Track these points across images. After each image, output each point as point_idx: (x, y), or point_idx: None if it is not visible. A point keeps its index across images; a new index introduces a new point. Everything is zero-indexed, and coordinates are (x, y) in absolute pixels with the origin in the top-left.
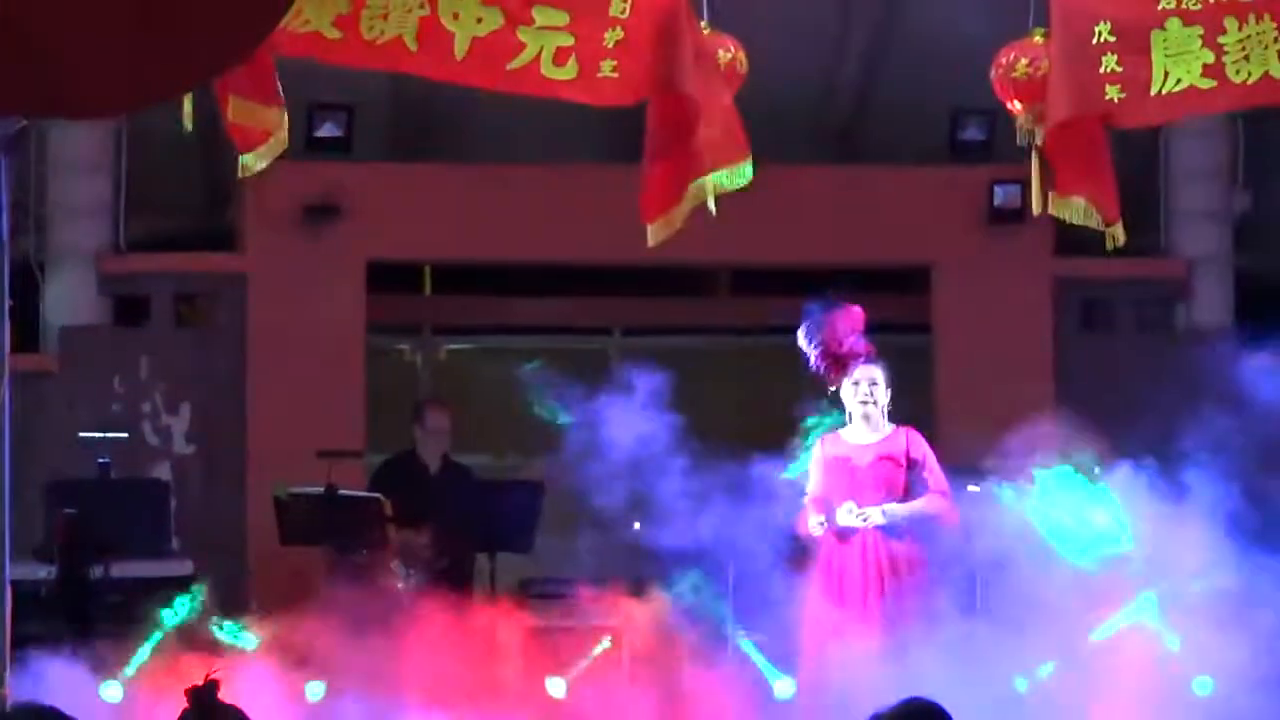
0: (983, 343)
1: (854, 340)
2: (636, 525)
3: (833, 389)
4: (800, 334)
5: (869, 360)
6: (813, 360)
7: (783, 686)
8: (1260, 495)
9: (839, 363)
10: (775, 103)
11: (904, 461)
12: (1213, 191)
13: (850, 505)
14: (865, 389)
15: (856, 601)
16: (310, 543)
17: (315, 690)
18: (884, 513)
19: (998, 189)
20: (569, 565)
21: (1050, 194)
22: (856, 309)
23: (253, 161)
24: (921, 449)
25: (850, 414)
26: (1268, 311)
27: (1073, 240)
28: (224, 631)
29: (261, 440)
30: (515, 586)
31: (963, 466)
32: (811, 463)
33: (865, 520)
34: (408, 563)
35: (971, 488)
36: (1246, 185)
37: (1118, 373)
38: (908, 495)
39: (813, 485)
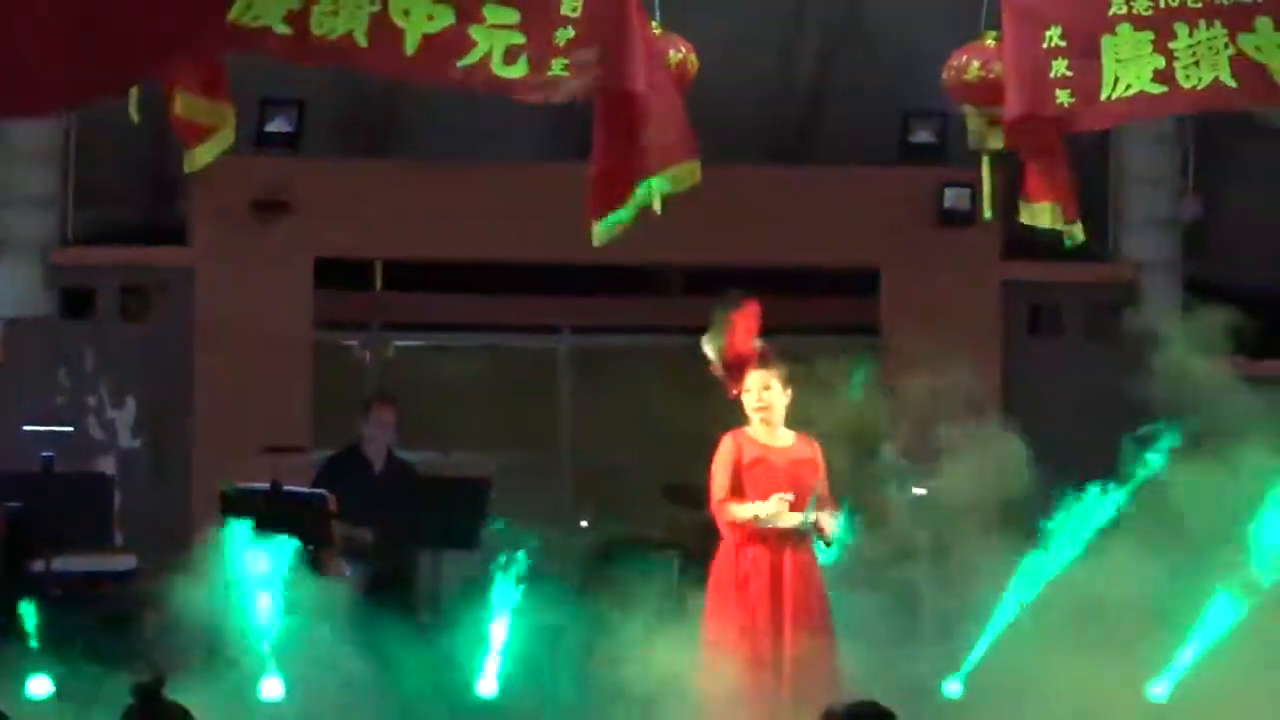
0: (931, 344)
1: (748, 343)
2: (583, 523)
3: (734, 392)
4: (704, 338)
5: (763, 364)
6: (713, 364)
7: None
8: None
9: (736, 366)
10: (728, 103)
11: (816, 470)
12: (1162, 197)
13: (800, 515)
14: (757, 395)
15: (764, 607)
16: (255, 539)
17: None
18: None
19: (948, 191)
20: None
21: (1020, 201)
22: (753, 307)
23: (198, 157)
24: (820, 458)
25: (751, 414)
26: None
27: (1022, 244)
28: None
29: (207, 435)
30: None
31: (909, 468)
32: (722, 462)
33: (816, 525)
34: (352, 559)
35: (917, 490)
36: (1196, 191)
37: (1065, 376)
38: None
39: (725, 485)
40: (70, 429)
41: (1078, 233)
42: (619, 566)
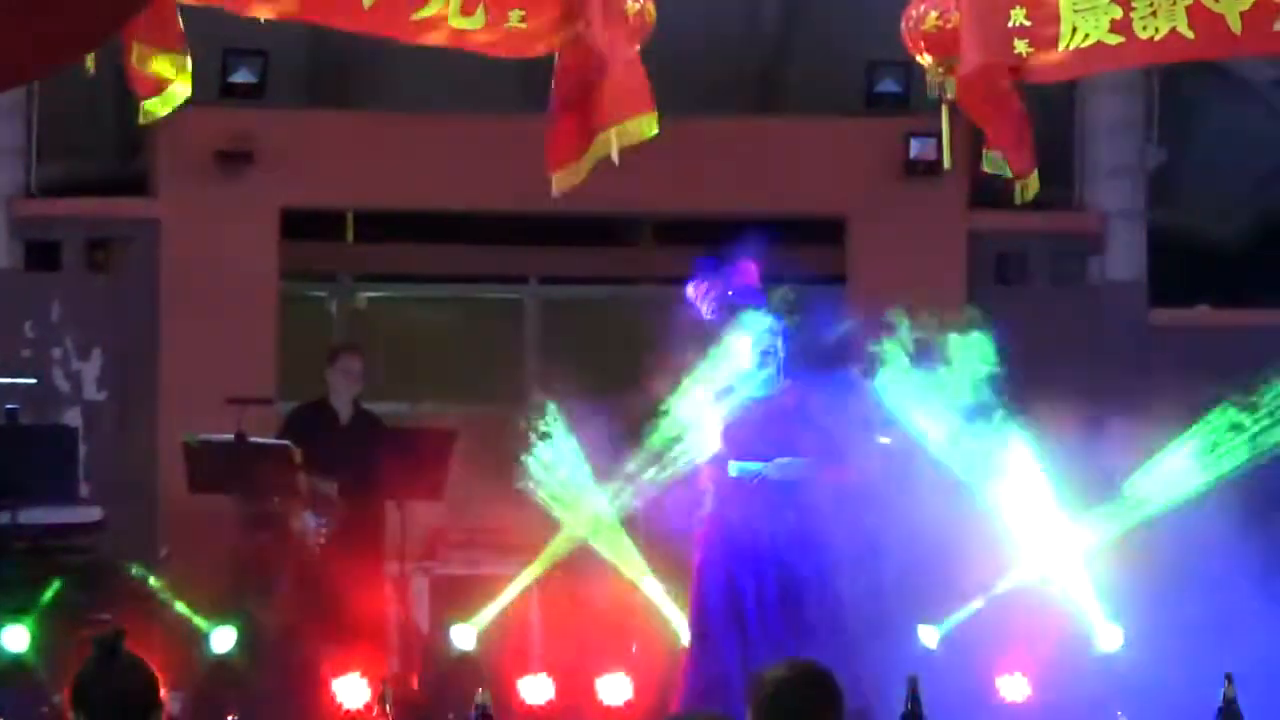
0: (896, 294)
1: (752, 292)
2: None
3: (727, 341)
4: (691, 289)
5: (768, 311)
6: (708, 314)
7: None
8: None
9: (736, 315)
10: (693, 54)
11: (802, 414)
12: (1127, 146)
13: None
14: (768, 339)
15: (753, 560)
16: (219, 490)
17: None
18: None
19: (913, 141)
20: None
21: (984, 151)
22: (751, 263)
23: (154, 108)
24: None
25: (752, 364)
26: (1180, 266)
27: (988, 193)
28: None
29: (173, 387)
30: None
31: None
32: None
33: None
34: (318, 511)
35: (882, 439)
36: (1161, 140)
37: (1030, 326)
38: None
39: (716, 441)
40: (35, 381)
41: (1033, 183)
42: None
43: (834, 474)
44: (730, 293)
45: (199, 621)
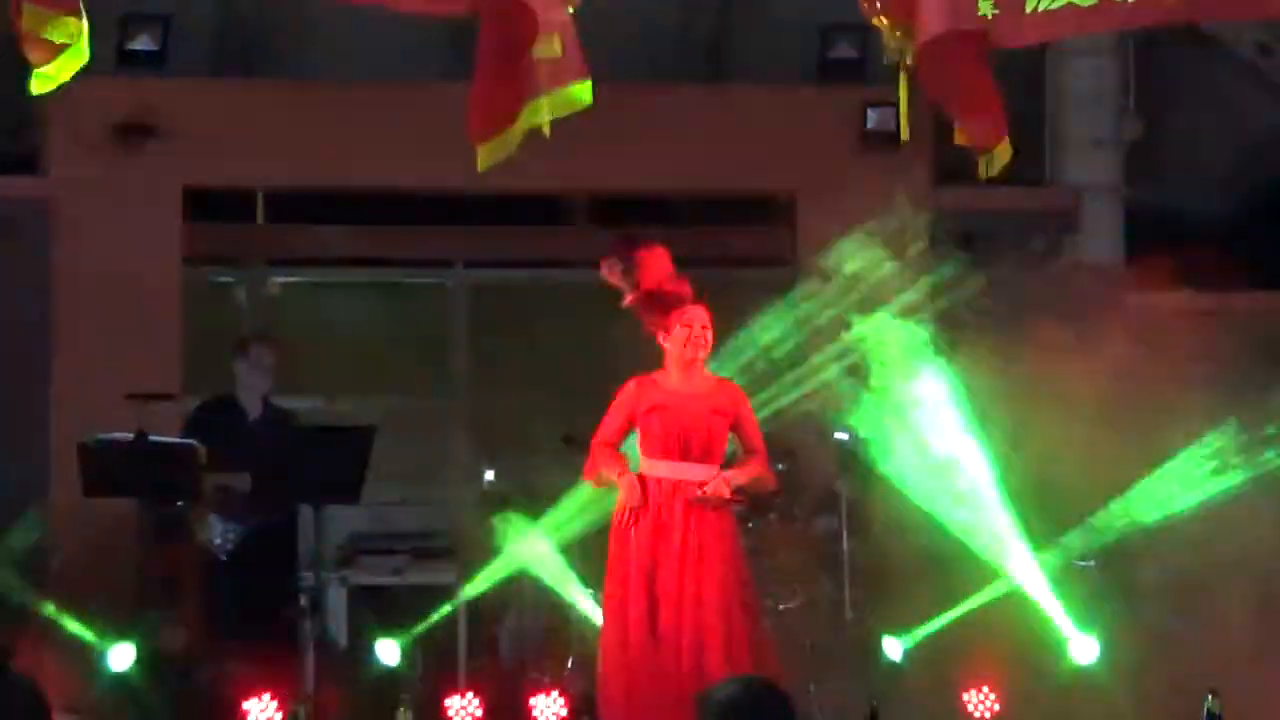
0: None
1: (676, 281)
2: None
3: (660, 331)
4: (605, 271)
5: (696, 301)
6: (631, 302)
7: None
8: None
9: (663, 305)
10: (632, 18)
11: (730, 418)
12: (1102, 117)
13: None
14: (698, 332)
15: (671, 569)
16: (117, 494)
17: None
18: (727, 482)
19: (871, 111)
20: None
21: (956, 125)
22: (661, 248)
23: (47, 77)
24: (744, 404)
25: (673, 359)
26: (1160, 243)
27: (951, 168)
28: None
29: (68, 382)
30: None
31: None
32: (617, 406)
33: (706, 495)
34: (225, 516)
35: (839, 435)
36: (1138, 110)
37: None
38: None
39: (611, 430)
40: None
41: (1005, 153)
42: None
43: (771, 480)
44: (657, 282)
45: (94, 639)
